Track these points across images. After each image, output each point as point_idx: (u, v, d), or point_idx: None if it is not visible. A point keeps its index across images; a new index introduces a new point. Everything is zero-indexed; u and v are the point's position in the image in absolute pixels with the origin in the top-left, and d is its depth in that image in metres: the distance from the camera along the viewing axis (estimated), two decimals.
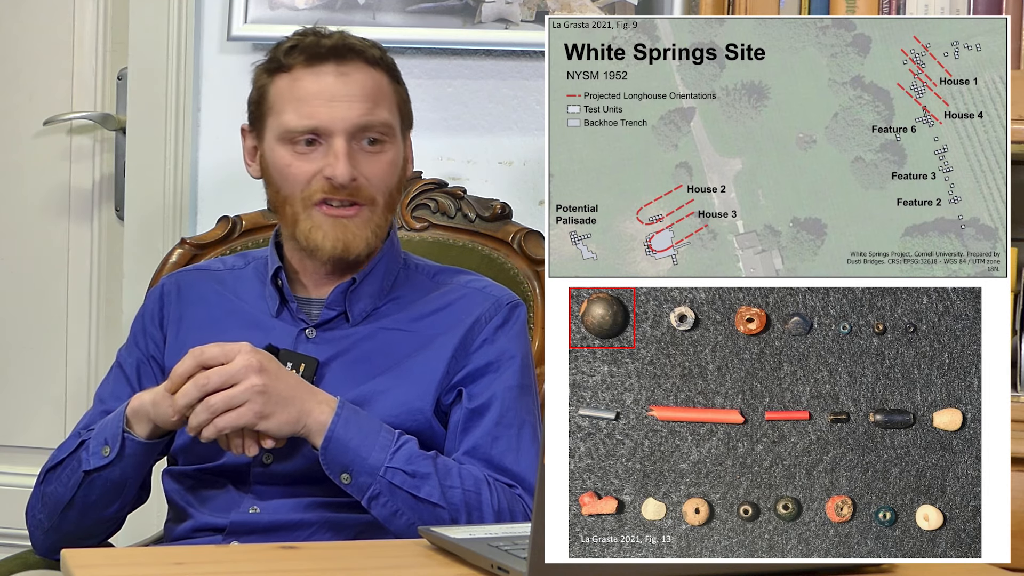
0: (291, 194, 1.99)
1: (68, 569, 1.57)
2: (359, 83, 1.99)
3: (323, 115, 1.97)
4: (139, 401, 1.92)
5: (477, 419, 1.97)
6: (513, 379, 2.00)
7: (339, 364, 1.99)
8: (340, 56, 1.99)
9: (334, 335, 2.02)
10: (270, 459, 1.97)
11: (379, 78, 2.02)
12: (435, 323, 2.03)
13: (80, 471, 1.94)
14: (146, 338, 2.09)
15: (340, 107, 1.97)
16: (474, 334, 2.02)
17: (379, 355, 2.01)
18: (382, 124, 2.00)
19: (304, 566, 1.61)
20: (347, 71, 1.99)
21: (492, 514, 1.90)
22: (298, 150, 1.98)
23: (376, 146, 2.00)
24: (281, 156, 1.99)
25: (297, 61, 1.99)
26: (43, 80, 2.91)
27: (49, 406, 2.94)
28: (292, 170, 1.98)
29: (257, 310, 2.05)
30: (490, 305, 2.05)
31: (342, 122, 1.97)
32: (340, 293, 2.02)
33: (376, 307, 2.04)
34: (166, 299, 2.11)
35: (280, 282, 2.04)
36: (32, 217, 2.94)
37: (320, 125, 1.97)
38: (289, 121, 1.98)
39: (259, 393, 1.84)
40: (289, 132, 1.98)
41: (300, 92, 1.98)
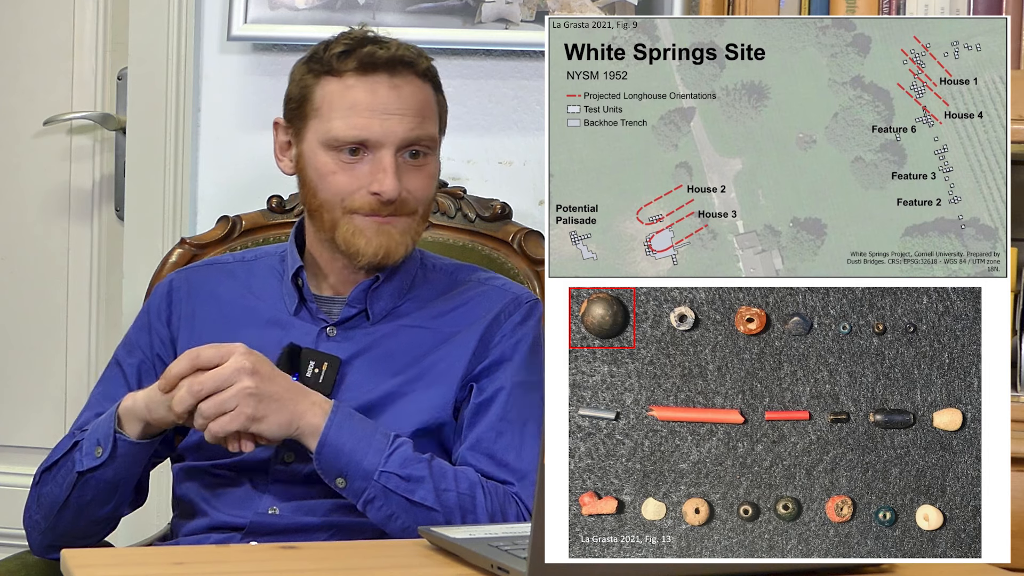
0: (330, 200, 1.99)
1: (68, 569, 1.57)
2: (411, 97, 1.99)
3: (375, 128, 1.96)
4: (132, 400, 1.92)
5: (482, 413, 1.98)
6: (520, 375, 2.01)
7: (362, 362, 1.99)
8: (393, 68, 1.98)
9: (355, 333, 2.02)
10: (291, 457, 1.97)
11: (428, 91, 2.02)
12: (455, 320, 2.03)
13: (74, 472, 1.94)
14: (151, 336, 2.08)
15: (391, 121, 1.97)
16: (494, 330, 2.02)
17: (401, 353, 2.01)
18: (428, 138, 2.00)
19: (304, 566, 1.61)
20: (399, 84, 1.98)
21: (486, 516, 1.90)
22: (343, 159, 1.98)
23: (419, 159, 2.00)
24: (324, 163, 1.99)
25: (349, 68, 1.98)
26: (43, 80, 2.91)
27: (49, 406, 2.94)
28: (336, 179, 1.98)
29: (274, 308, 2.05)
30: (509, 301, 2.05)
31: (393, 136, 1.96)
32: (362, 291, 2.02)
33: (396, 306, 2.04)
34: (175, 296, 2.10)
35: (300, 281, 2.04)
36: (32, 217, 2.94)
37: (371, 138, 1.96)
38: (337, 129, 1.97)
39: (250, 396, 1.84)
40: (336, 140, 1.97)
41: (351, 101, 1.97)
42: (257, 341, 1.95)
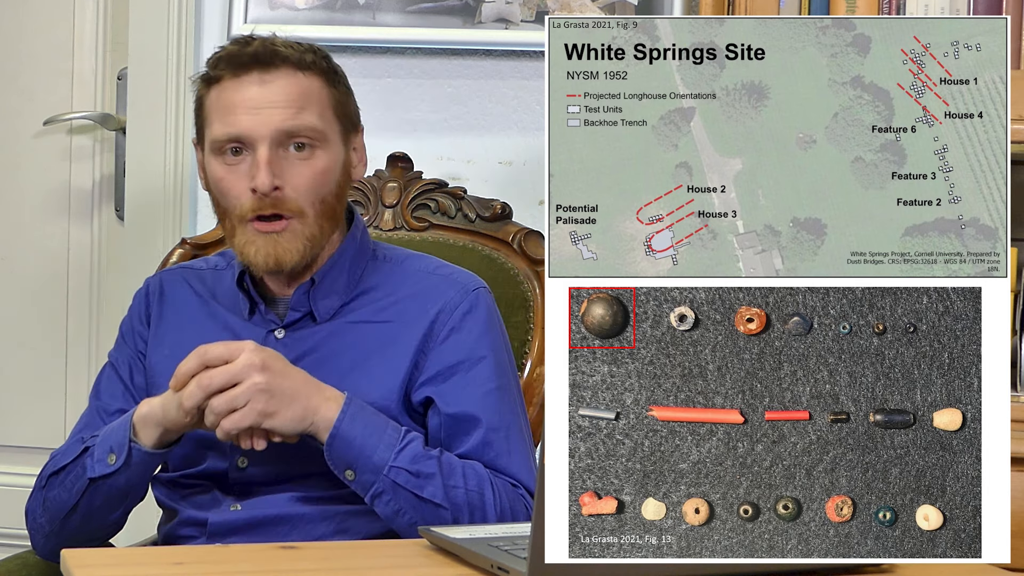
0: (228, 207, 1.99)
1: (68, 569, 1.57)
2: (282, 89, 1.97)
3: (244, 123, 1.95)
4: (148, 407, 1.92)
5: (463, 429, 1.96)
6: (490, 382, 1.99)
7: (307, 364, 1.98)
8: (264, 63, 1.97)
9: (302, 334, 2.02)
10: (245, 463, 1.98)
11: (308, 82, 1.99)
12: (401, 312, 2.02)
13: (85, 478, 1.94)
14: (134, 336, 2.10)
15: (262, 114, 1.95)
16: (440, 324, 2.00)
17: (345, 351, 2.00)
18: (308, 129, 1.97)
19: (304, 566, 1.61)
20: (271, 78, 1.97)
21: (495, 514, 1.90)
22: (227, 161, 1.97)
23: (304, 152, 1.97)
24: (215, 169, 1.98)
25: (224, 72, 1.98)
26: (43, 80, 2.91)
27: (49, 406, 2.94)
28: (225, 184, 1.97)
29: (231, 312, 2.05)
30: (455, 292, 2.03)
31: (264, 128, 1.94)
32: (303, 294, 2.02)
33: (344, 303, 2.03)
34: (151, 297, 2.12)
35: (246, 285, 2.04)
36: (32, 217, 2.94)
37: (241, 133, 1.95)
38: (216, 131, 1.97)
39: (261, 391, 1.84)
40: (216, 142, 1.97)
41: (225, 102, 1.97)
42: None
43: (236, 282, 2.04)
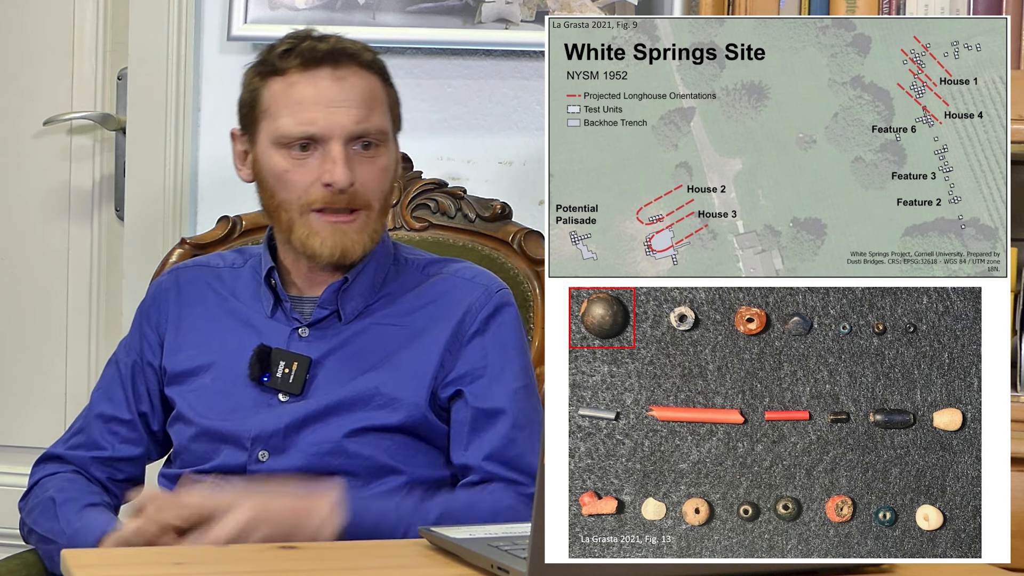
0: (287, 199, 1.99)
1: (68, 569, 1.57)
2: (356, 88, 1.99)
3: (320, 120, 1.96)
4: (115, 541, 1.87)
5: (490, 423, 1.98)
6: (518, 381, 2.01)
7: (332, 361, 2.00)
8: (336, 60, 1.99)
9: (327, 333, 2.02)
10: (266, 456, 1.97)
11: (374, 82, 2.02)
12: (426, 316, 2.03)
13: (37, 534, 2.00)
14: (142, 341, 2.10)
15: (337, 113, 1.97)
16: (465, 326, 2.02)
17: (372, 350, 2.01)
18: (377, 131, 2.00)
19: (304, 566, 1.61)
20: (343, 75, 1.99)
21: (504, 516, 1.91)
22: (294, 155, 1.98)
23: (371, 151, 2.00)
24: (277, 162, 1.99)
25: (292, 65, 1.99)
26: (43, 80, 2.91)
27: (49, 406, 2.94)
28: (289, 176, 1.98)
29: (252, 310, 2.06)
30: (479, 295, 2.05)
31: (340, 128, 1.97)
32: (332, 292, 2.02)
33: (368, 304, 2.04)
34: (164, 297, 2.11)
35: (273, 282, 2.04)
36: (32, 217, 2.94)
37: (318, 131, 1.97)
38: (285, 126, 1.98)
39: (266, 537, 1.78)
40: (285, 137, 1.98)
41: (297, 97, 1.98)
42: (234, 343, 2.00)
43: (264, 279, 2.04)
